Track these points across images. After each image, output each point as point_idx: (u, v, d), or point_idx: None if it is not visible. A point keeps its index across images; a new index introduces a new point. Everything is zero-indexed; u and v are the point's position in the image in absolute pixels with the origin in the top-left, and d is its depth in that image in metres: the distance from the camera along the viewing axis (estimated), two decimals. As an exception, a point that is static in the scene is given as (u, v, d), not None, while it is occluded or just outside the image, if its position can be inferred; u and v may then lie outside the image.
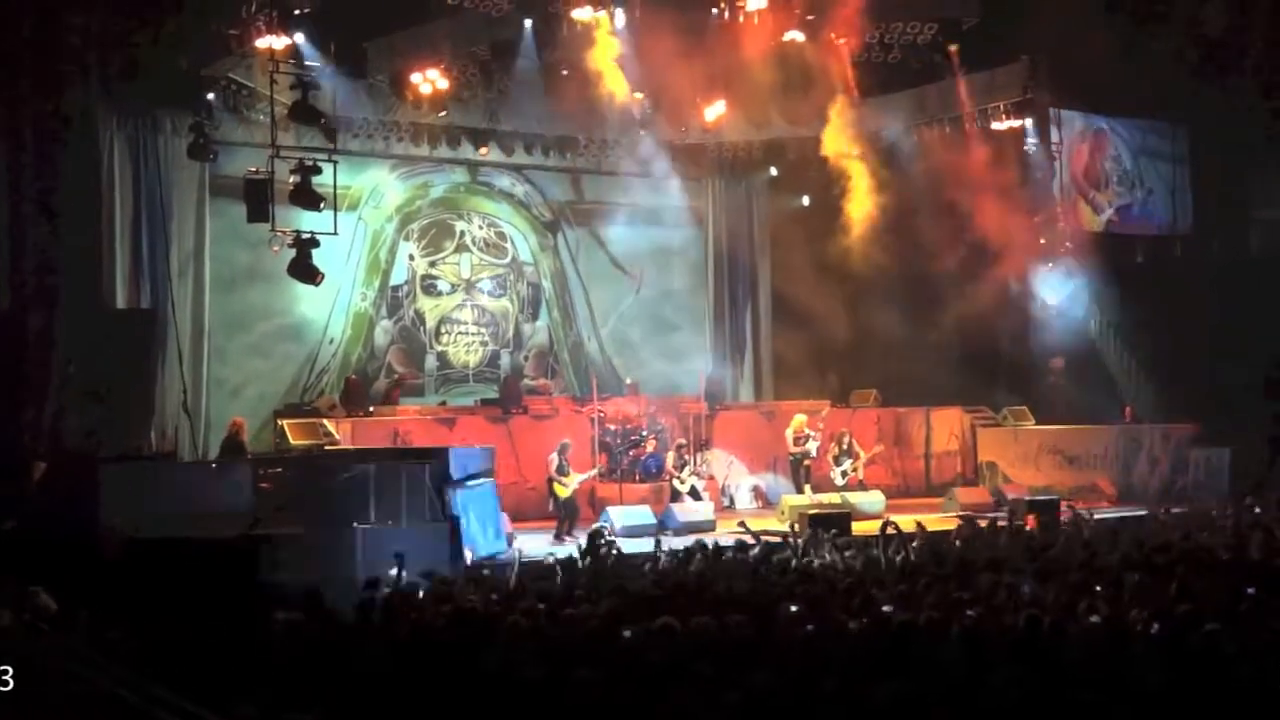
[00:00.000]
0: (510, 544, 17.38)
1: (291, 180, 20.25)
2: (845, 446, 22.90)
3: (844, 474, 22.67)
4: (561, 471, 19.93)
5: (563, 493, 19.83)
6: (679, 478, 21.30)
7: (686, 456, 21.80)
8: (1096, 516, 17.95)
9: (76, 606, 10.22)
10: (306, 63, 19.97)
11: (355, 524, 14.71)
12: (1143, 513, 19.35)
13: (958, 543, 14.76)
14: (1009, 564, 11.51)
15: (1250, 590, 9.90)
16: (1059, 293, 25.40)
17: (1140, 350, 26.54)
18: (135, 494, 14.77)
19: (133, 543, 13.09)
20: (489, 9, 20.04)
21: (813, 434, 22.44)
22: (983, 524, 16.34)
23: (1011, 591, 10.21)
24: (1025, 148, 24.55)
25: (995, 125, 24.11)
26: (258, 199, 20.33)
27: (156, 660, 8.39)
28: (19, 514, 14.33)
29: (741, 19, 20.94)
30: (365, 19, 20.34)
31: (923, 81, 24.11)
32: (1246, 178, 26.36)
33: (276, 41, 19.48)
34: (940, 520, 18.48)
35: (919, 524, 16.25)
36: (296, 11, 19.18)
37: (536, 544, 17.56)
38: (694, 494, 21.22)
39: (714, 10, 20.86)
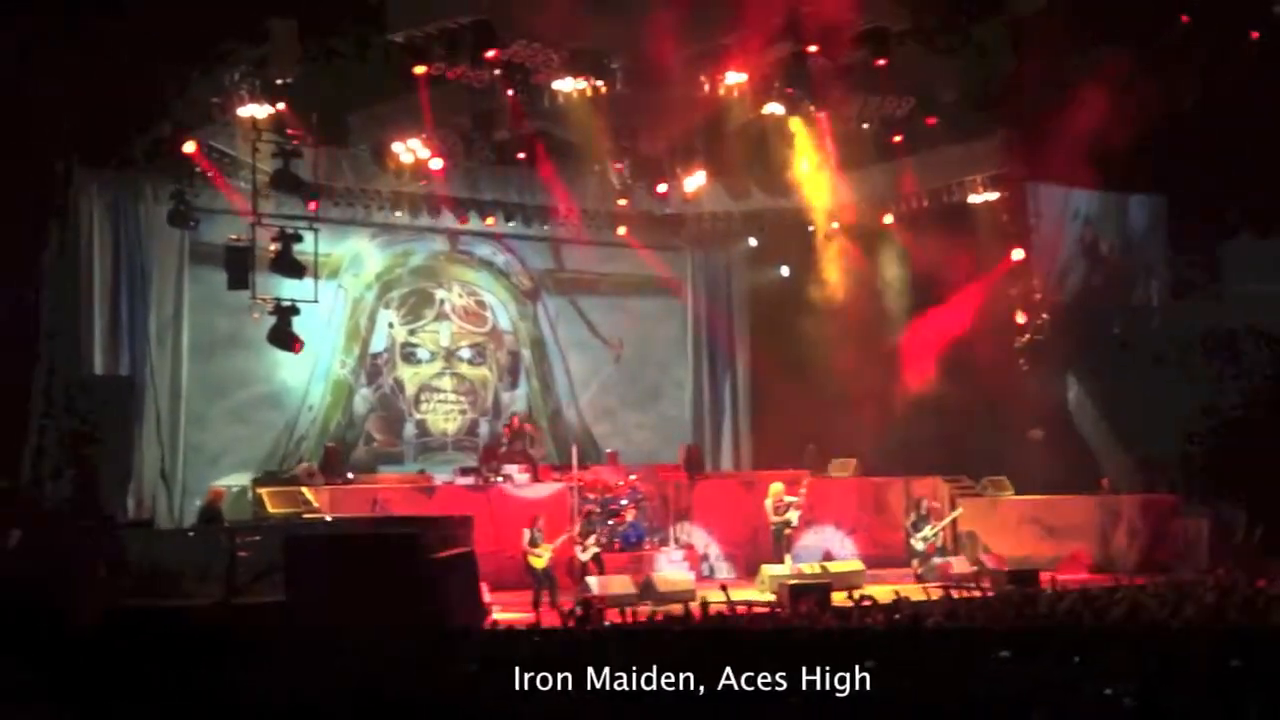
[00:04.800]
0: (488, 613, 17.24)
1: (273, 248, 20.33)
2: (924, 512, 22.97)
3: (924, 540, 22.69)
4: (534, 544, 19.79)
5: (538, 564, 19.71)
6: (582, 545, 20.55)
7: (595, 521, 21.40)
8: (1076, 588, 17.89)
9: (50, 676, 10.12)
10: (288, 131, 20.12)
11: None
12: (1122, 584, 19.32)
13: (937, 614, 14.69)
14: (989, 635, 11.46)
15: (1235, 662, 9.87)
16: None
17: (1117, 421, 26.62)
18: (111, 561, 14.67)
19: (109, 611, 12.99)
20: (470, 80, 20.15)
21: (794, 502, 22.41)
22: (963, 595, 16.27)
23: (993, 664, 10.16)
24: (1001, 221, 24.71)
25: (972, 198, 24.29)
26: (238, 266, 20.43)
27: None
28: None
29: (722, 91, 21.08)
30: (348, 89, 20.45)
31: (900, 154, 24.28)
32: (1223, 251, 26.58)
33: (259, 110, 19.59)
34: (919, 591, 18.40)
35: (897, 594, 16.20)
36: (279, 81, 19.29)
37: (514, 612, 17.44)
38: (597, 562, 20.78)
39: (694, 83, 20.99)
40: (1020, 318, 25.17)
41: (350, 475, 22.86)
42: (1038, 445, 25.89)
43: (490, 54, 19.25)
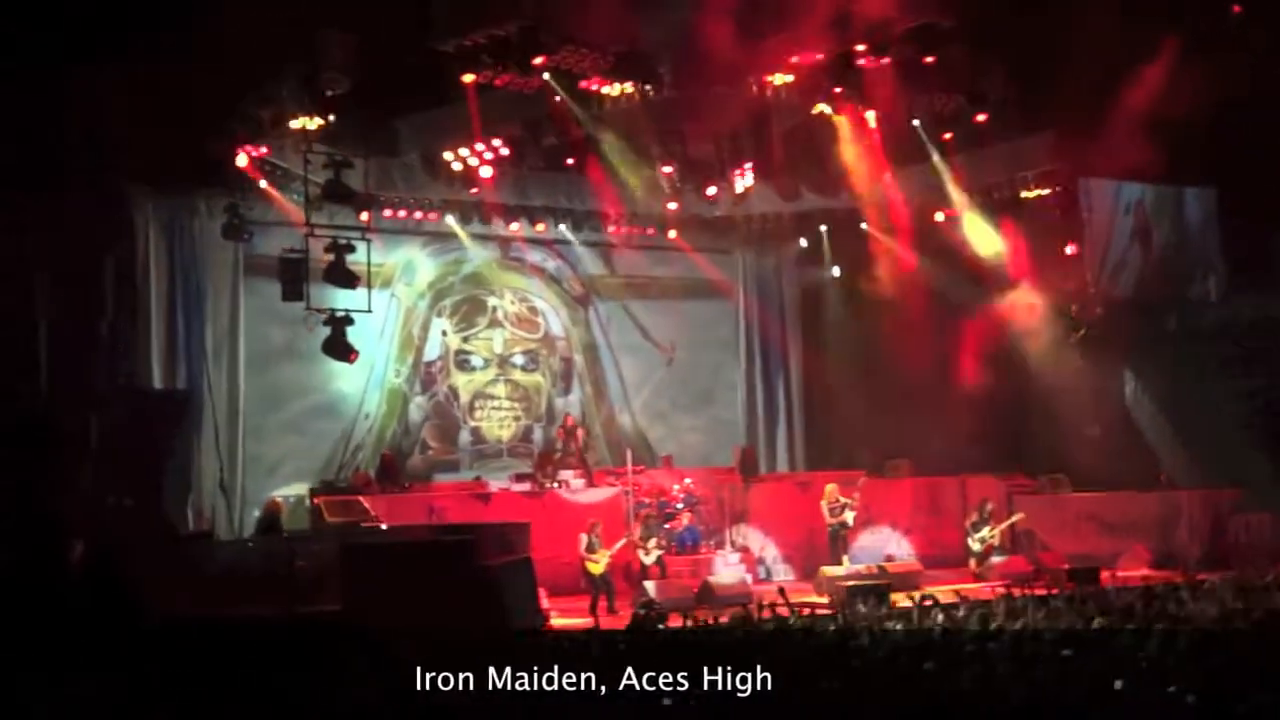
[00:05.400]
0: (547, 619, 17.30)
1: (326, 258, 20.48)
2: (985, 514, 22.85)
3: (981, 540, 22.60)
4: (591, 549, 19.81)
5: (595, 569, 19.74)
6: (644, 548, 20.79)
7: (655, 525, 21.43)
8: (1136, 585, 17.72)
9: (113, 685, 10.23)
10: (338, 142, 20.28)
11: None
12: (1183, 580, 19.11)
13: (998, 612, 14.60)
14: (1050, 633, 11.38)
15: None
16: None
17: (1175, 415, 26.35)
18: (173, 573, 14.82)
19: (170, 621, 13.11)
20: (518, 86, 20.20)
21: (849, 503, 22.34)
22: (1022, 593, 16.16)
23: (1054, 662, 10.09)
24: (1054, 216, 24.56)
25: (1023, 195, 24.16)
26: (293, 278, 20.58)
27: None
28: (58, 593, 14.39)
29: (770, 93, 21.04)
30: (397, 99, 20.57)
31: (951, 152, 24.16)
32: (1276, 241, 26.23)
33: (309, 122, 19.74)
34: (979, 590, 18.31)
35: (958, 593, 16.10)
36: (329, 92, 19.42)
37: (573, 618, 17.49)
38: (660, 565, 20.83)
39: (741, 84, 20.96)
40: (1075, 312, 25.00)
41: (406, 484, 22.99)
42: (1095, 441, 25.69)
43: (538, 60, 19.31)
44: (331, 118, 19.87)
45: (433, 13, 18.90)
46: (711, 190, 24.86)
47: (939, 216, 25.53)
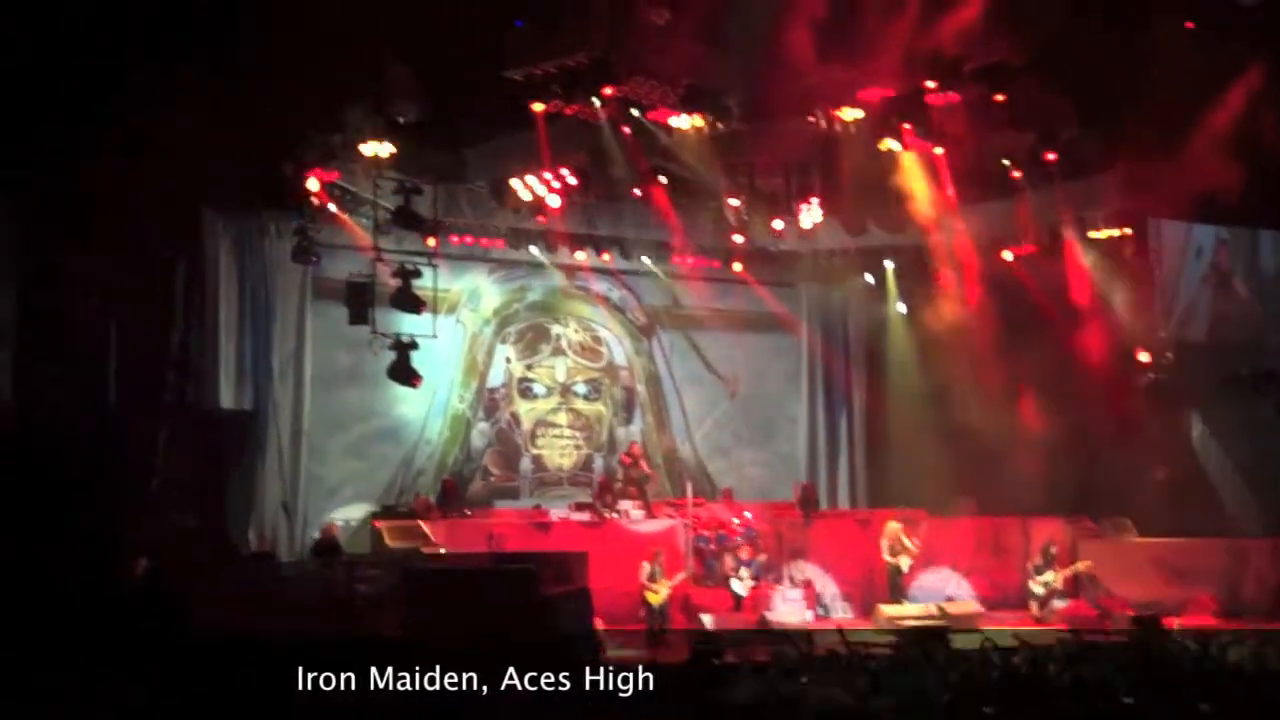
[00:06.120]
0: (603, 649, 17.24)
1: (392, 283, 20.63)
2: (1050, 557, 22.61)
3: (1044, 584, 22.37)
4: (653, 579, 19.81)
5: (655, 600, 19.72)
6: (738, 577, 21.04)
7: (750, 557, 21.52)
8: (1201, 633, 17.42)
9: (170, 701, 10.29)
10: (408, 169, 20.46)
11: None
12: (1250, 629, 18.80)
13: (1060, 659, 14.40)
14: (1114, 682, 11.21)
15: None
16: None
17: (1244, 462, 25.96)
18: (234, 592, 14.91)
19: (230, 640, 13.17)
20: (587, 116, 20.29)
21: (908, 545, 22.19)
22: (1085, 638, 15.94)
23: (1116, 710, 9.94)
24: (1124, 257, 24.32)
25: (1093, 234, 23.95)
26: (359, 302, 20.77)
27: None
28: (119, 609, 14.50)
29: (838, 127, 21.01)
30: (466, 127, 20.71)
31: (1019, 190, 24.00)
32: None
33: (380, 148, 19.90)
34: (1041, 634, 18.08)
35: (1019, 638, 15.89)
36: (399, 120, 19.58)
37: (628, 649, 17.43)
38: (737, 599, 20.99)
39: (810, 119, 20.95)
40: (1144, 356, 24.71)
41: (467, 510, 23.04)
42: (1161, 485, 25.33)
43: (608, 91, 19.38)
44: (402, 144, 20.03)
45: (504, 42, 19.03)
46: (778, 224, 24.82)
47: (1007, 255, 25.34)
